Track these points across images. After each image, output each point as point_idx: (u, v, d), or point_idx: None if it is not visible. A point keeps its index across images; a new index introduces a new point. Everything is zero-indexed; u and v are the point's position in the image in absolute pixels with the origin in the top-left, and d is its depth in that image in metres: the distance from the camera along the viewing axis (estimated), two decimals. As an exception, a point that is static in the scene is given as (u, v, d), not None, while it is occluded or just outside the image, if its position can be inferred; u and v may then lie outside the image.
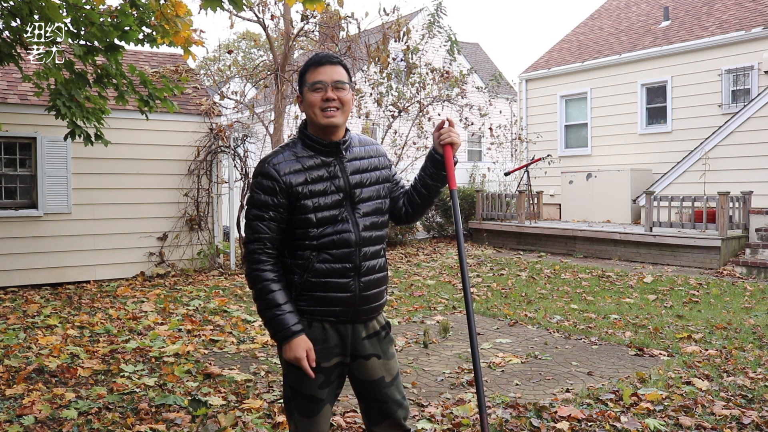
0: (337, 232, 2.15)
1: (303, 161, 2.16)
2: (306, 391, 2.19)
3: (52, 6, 4.52)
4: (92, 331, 5.76)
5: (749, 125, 10.36)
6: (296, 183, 2.12)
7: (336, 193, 2.16)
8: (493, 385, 4.28)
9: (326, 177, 2.16)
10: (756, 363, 4.63)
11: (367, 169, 2.26)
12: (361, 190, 2.21)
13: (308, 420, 2.22)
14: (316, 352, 2.15)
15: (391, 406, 2.27)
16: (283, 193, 2.12)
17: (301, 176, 2.14)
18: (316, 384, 2.18)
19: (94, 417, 3.67)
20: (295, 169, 2.14)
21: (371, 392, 2.26)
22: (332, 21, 10.91)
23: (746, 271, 8.67)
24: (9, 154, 8.08)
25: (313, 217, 2.14)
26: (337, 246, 2.15)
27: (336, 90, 2.15)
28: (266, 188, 2.12)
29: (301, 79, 2.22)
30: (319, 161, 2.18)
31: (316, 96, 2.15)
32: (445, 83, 12.57)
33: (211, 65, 18.10)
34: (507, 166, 15.67)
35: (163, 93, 5.90)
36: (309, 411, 2.20)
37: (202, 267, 9.27)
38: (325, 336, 2.18)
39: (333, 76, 2.16)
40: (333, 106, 2.15)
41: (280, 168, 2.13)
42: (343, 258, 2.15)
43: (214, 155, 9.43)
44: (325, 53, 2.23)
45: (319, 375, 2.17)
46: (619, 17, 15.83)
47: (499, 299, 7.30)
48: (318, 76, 2.16)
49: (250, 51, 30.41)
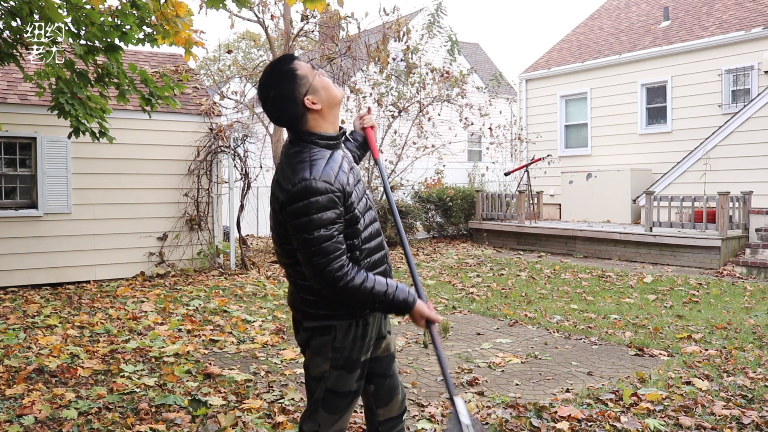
0: (372, 220, 2.19)
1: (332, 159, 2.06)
2: (346, 388, 2.19)
3: (53, 6, 4.52)
4: (92, 331, 5.76)
5: (749, 125, 10.36)
6: (350, 184, 2.06)
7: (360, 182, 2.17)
8: (493, 385, 4.29)
9: (349, 168, 2.13)
10: (756, 363, 4.63)
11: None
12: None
13: (336, 416, 2.21)
14: (356, 349, 2.17)
15: (396, 380, 2.39)
16: (339, 199, 2.00)
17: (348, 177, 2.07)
18: (355, 378, 2.21)
19: (94, 417, 3.67)
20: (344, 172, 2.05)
21: (385, 368, 2.35)
22: (332, 21, 10.91)
23: (746, 271, 8.67)
24: (9, 154, 8.08)
25: (363, 219, 2.12)
26: (374, 236, 2.18)
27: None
28: (323, 204, 1.96)
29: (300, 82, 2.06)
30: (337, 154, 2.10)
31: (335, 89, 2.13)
32: (445, 83, 12.57)
33: (211, 65, 18.10)
34: (507, 166, 15.68)
35: (164, 92, 5.91)
36: (341, 407, 2.21)
37: (202, 267, 9.27)
38: (365, 332, 2.19)
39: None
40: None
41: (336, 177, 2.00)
42: (380, 247, 2.19)
43: (214, 155, 9.43)
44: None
45: (359, 370, 2.21)
46: (619, 17, 15.83)
47: (499, 299, 7.30)
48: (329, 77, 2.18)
49: (250, 51, 30.40)
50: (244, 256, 9.53)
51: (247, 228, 13.15)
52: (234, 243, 9.67)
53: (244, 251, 9.61)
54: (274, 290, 7.78)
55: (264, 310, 6.68)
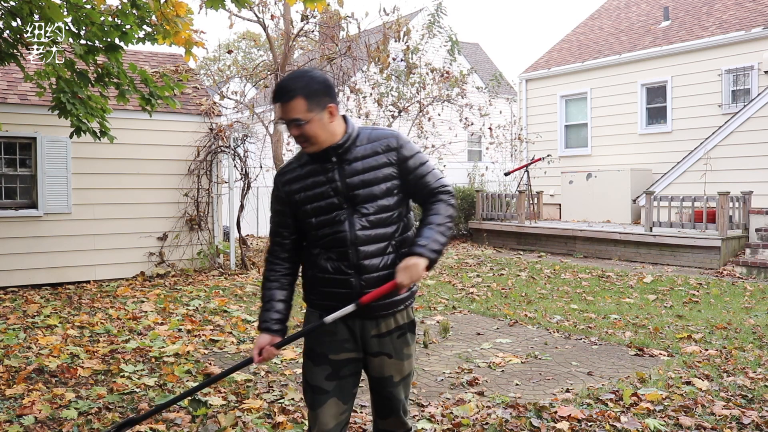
0: (334, 232, 2.19)
1: (304, 168, 2.23)
2: (313, 381, 2.26)
3: (53, 6, 4.52)
4: (92, 331, 5.76)
5: (749, 125, 10.36)
6: (294, 191, 2.23)
7: (333, 197, 2.18)
8: (493, 385, 4.28)
9: (324, 182, 2.19)
10: (756, 363, 4.63)
11: (370, 168, 2.18)
12: (362, 191, 2.17)
13: (313, 412, 2.26)
14: (324, 344, 2.24)
15: (394, 403, 2.34)
16: (283, 201, 2.26)
17: (299, 183, 2.23)
18: (323, 375, 2.24)
19: (94, 417, 3.67)
20: (295, 177, 2.24)
21: (378, 388, 2.34)
22: (332, 21, 10.91)
23: (746, 271, 8.67)
24: (9, 154, 8.08)
25: (313, 220, 2.22)
26: (334, 245, 2.20)
27: (295, 128, 2.11)
28: (274, 196, 2.30)
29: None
30: (317, 167, 2.21)
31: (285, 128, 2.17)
32: (445, 83, 12.57)
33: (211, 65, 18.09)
34: (507, 166, 15.67)
35: (164, 92, 5.91)
36: (314, 402, 2.26)
37: (202, 267, 9.27)
38: (334, 329, 2.23)
39: (288, 115, 2.10)
40: (300, 141, 2.16)
41: (283, 180, 2.26)
42: (341, 256, 2.19)
43: (214, 155, 9.42)
44: (281, 85, 2.12)
45: (326, 366, 2.24)
46: (619, 17, 15.83)
47: (499, 299, 7.30)
48: (278, 113, 2.14)
49: (250, 51, 30.40)
50: (244, 256, 9.53)
51: (247, 228, 13.15)
52: (234, 243, 9.67)
53: (244, 251, 9.61)
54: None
55: (264, 310, 6.67)
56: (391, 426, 2.40)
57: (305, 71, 2.17)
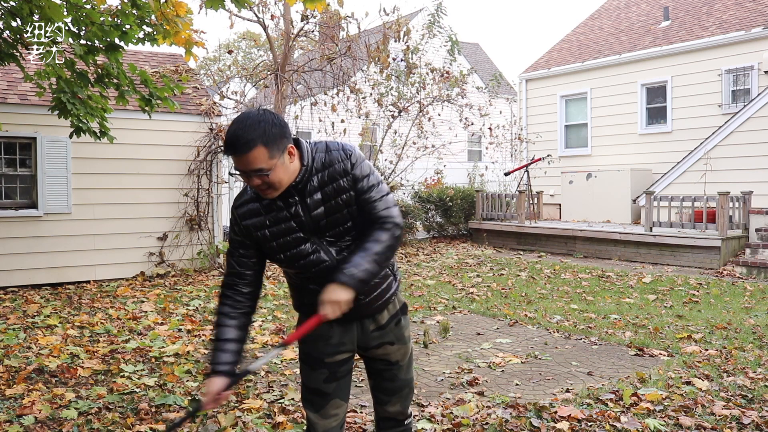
0: (312, 263, 2.12)
1: (263, 204, 2.09)
2: (312, 385, 2.26)
3: (53, 6, 4.52)
4: (92, 331, 5.76)
5: (749, 125, 10.36)
6: (256, 227, 2.10)
7: (299, 231, 2.09)
8: (493, 385, 4.29)
9: (287, 217, 2.08)
10: (756, 363, 4.63)
11: (330, 197, 2.09)
12: (326, 219, 2.10)
13: (315, 414, 2.28)
14: (319, 347, 2.23)
15: (397, 385, 2.36)
16: (243, 234, 2.13)
17: (260, 219, 2.09)
18: (321, 378, 2.24)
19: (94, 417, 3.67)
20: (254, 212, 2.09)
21: (386, 375, 2.34)
22: (332, 21, 10.91)
23: (746, 271, 8.67)
24: (9, 154, 8.07)
25: (282, 256, 2.13)
26: (318, 273, 2.13)
27: (257, 178, 1.97)
28: (232, 227, 2.15)
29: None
30: (279, 203, 2.08)
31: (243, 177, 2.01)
32: (445, 83, 12.57)
33: (211, 65, 18.09)
34: (507, 166, 15.67)
35: (164, 92, 5.91)
36: (316, 405, 2.27)
37: (202, 267, 9.27)
38: (329, 333, 2.23)
39: (249, 166, 1.95)
40: (263, 190, 2.02)
41: (240, 213, 2.11)
42: (329, 279, 2.07)
43: (214, 155, 9.42)
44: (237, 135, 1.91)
45: (323, 370, 2.24)
46: (619, 17, 15.83)
47: (499, 299, 7.30)
48: (235, 164, 1.97)
49: (250, 51, 30.41)
50: (244, 256, 9.51)
51: (247, 228, 13.13)
52: (234, 243, 9.65)
53: (244, 251, 9.59)
54: (273, 290, 7.78)
55: (264, 310, 6.68)
56: (396, 411, 2.40)
57: (257, 117, 1.96)
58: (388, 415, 2.41)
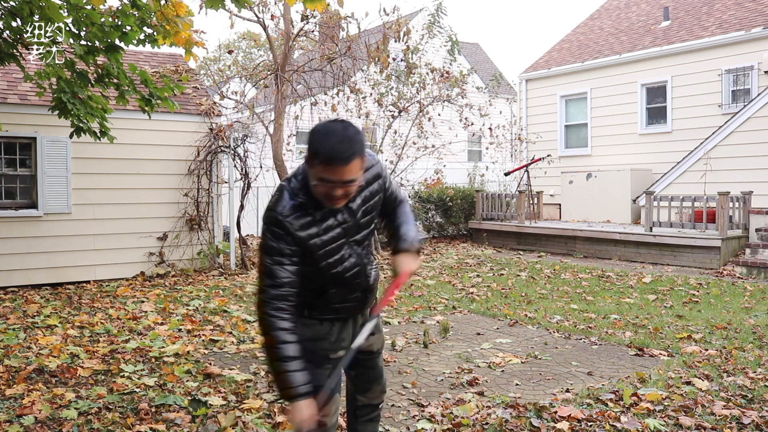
0: (347, 268, 2.25)
1: (313, 214, 2.12)
2: (317, 382, 2.27)
3: (53, 6, 4.52)
4: (92, 331, 5.76)
5: (749, 125, 10.36)
6: (310, 236, 2.11)
7: (344, 237, 2.20)
8: (493, 385, 4.29)
9: (335, 224, 2.16)
10: (756, 363, 4.63)
11: (367, 200, 2.23)
12: (366, 224, 2.28)
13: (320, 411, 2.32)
14: (323, 345, 2.33)
15: (377, 372, 2.58)
16: (296, 244, 2.10)
17: (314, 229, 2.12)
18: (326, 375, 2.32)
19: (94, 417, 3.67)
20: (306, 223, 2.10)
21: (367, 363, 2.54)
22: (332, 21, 10.91)
23: (746, 271, 8.67)
24: (9, 154, 8.08)
25: (324, 264, 2.18)
26: (349, 279, 2.27)
27: (344, 188, 2.03)
28: (281, 237, 2.08)
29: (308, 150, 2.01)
30: (328, 211, 2.14)
31: (321, 188, 2.04)
32: (445, 83, 12.56)
33: (211, 65, 18.09)
34: (507, 166, 15.67)
35: (164, 92, 5.91)
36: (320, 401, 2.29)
37: (202, 267, 9.27)
38: (330, 331, 2.35)
39: (343, 177, 1.99)
40: (340, 199, 2.08)
41: (295, 224, 2.09)
42: (353, 285, 2.30)
43: (214, 155, 9.43)
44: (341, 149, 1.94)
45: (329, 366, 2.34)
46: (619, 17, 15.83)
47: (499, 299, 7.30)
48: (328, 175, 1.99)
49: (250, 51, 30.42)
50: (244, 256, 9.53)
51: (247, 228, 13.12)
52: (234, 243, 9.67)
53: (244, 251, 9.61)
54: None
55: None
56: (375, 396, 2.60)
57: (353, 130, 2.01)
58: (366, 402, 2.59)
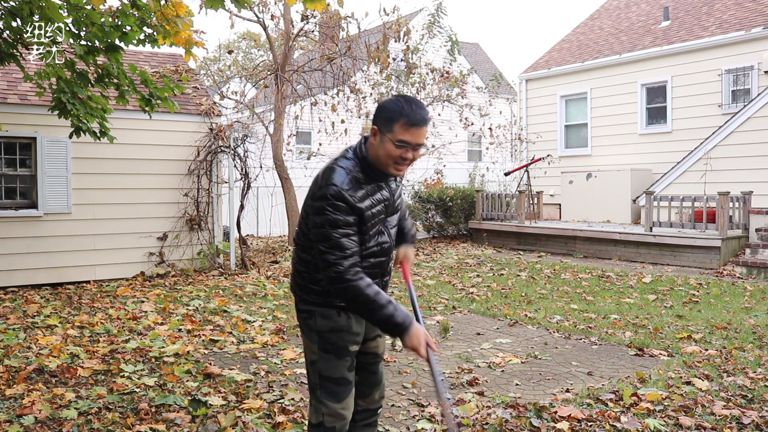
0: (381, 245, 2.38)
1: (365, 188, 2.30)
2: (338, 374, 2.37)
3: (53, 6, 4.52)
4: (92, 331, 5.76)
5: (749, 125, 10.36)
6: (367, 207, 2.29)
7: (384, 213, 2.37)
8: (493, 385, 4.29)
9: (381, 199, 2.35)
10: (756, 363, 4.63)
11: (398, 188, 2.48)
12: (396, 206, 2.45)
13: (339, 403, 2.39)
14: (344, 336, 2.37)
15: (379, 377, 2.59)
16: (356, 214, 2.26)
17: (369, 201, 2.30)
18: (346, 367, 2.39)
19: (94, 417, 3.67)
20: (363, 195, 2.28)
21: (370, 364, 2.56)
22: (332, 21, 10.92)
23: (746, 271, 8.67)
24: (9, 154, 8.08)
25: (367, 237, 2.32)
26: (377, 255, 2.37)
27: (416, 151, 2.26)
28: (345, 210, 2.23)
29: (387, 119, 2.24)
30: (376, 186, 2.34)
31: (396, 151, 2.25)
32: (445, 83, 12.57)
33: (211, 65, 18.09)
34: (507, 166, 15.67)
35: (164, 92, 5.91)
36: (340, 394, 2.39)
37: (202, 267, 9.27)
38: (349, 324, 2.38)
39: (419, 139, 2.24)
40: (407, 164, 2.29)
41: (356, 195, 2.25)
42: (380, 265, 2.40)
43: (214, 155, 9.43)
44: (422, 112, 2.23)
45: (348, 358, 2.39)
46: (619, 17, 15.83)
47: (499, 299, 7.30)
48: (407, 137, 2.22)
49: (250, 51, 30.43)
50: (244, 256, 9.53)
51: (247, 228, 13.15)
52: (234, 243, 9.67)
53: (244, 251, 9.61)
54: (274, 290, 7.78)
55: (264, 310, 6.68)
56: (374, 401, 2.60)
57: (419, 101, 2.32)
58: (365, 407, 2.59)
